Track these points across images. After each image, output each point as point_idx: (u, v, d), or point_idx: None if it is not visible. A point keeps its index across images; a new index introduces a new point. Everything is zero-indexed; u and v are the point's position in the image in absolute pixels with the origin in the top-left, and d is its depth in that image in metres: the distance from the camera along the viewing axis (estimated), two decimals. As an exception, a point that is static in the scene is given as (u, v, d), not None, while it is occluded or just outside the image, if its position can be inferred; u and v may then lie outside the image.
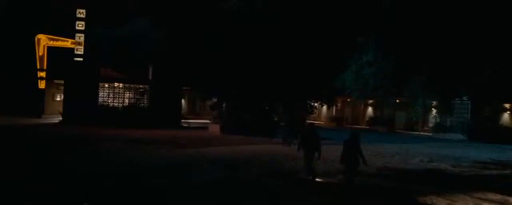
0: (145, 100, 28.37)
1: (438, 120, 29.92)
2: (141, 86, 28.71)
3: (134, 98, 28.10)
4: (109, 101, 27.44)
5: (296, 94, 15.13)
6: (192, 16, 27.00)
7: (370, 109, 38.89)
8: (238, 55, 13.45)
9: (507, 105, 28.66)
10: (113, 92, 27.68)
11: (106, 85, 27.52)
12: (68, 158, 13.08)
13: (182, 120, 28.58)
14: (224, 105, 16.86)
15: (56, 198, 8.10)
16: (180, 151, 15.17)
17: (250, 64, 13.20)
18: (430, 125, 30.97)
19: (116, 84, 27.96)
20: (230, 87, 14.09)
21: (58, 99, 33.28)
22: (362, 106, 39.63)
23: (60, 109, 32.61)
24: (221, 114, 21.59)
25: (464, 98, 27.02)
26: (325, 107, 33.63)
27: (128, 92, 28.11)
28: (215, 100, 22.68)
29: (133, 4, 39.59)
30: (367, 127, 35.56)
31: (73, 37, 33.92)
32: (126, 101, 28.07)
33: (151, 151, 15.05)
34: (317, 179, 10.83)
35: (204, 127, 25.71)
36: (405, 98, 29.27)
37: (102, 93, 27.39)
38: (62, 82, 31.02)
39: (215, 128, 22.59)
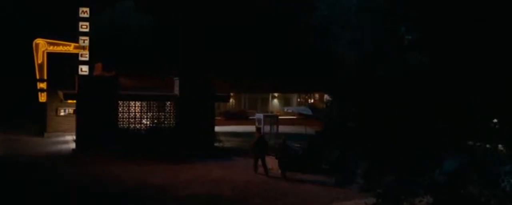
0: (169, 118, 23.89)
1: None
2: (161, 102, 24.19)
3: (157, 117, 23.64)
4: (129, 120, 22.98)
5: None
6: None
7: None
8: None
9: None
10: (134, 112, 23.19)
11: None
12: None
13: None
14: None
15: None
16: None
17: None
18: None
19: (135, 103, 23.43)
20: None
21: (62, 114, 28.64)
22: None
23: (65, 126, 28.23)
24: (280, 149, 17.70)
25: None
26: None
27: (146, 106, 23.59)
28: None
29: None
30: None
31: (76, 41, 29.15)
32: (147, 120, 23.60)
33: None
34: None
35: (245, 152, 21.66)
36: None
37: (121, 112, 22.92)
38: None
39: (270, 164, 18.52)
